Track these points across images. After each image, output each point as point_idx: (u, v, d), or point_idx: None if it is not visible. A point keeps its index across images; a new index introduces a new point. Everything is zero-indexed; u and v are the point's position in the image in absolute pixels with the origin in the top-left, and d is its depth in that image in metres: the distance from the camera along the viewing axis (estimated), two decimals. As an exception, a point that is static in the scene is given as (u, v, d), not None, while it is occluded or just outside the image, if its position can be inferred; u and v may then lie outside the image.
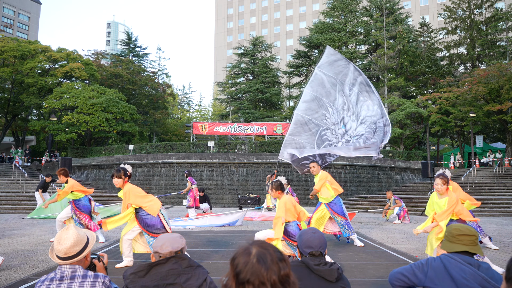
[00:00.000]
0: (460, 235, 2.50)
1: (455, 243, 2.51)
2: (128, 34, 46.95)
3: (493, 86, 26.39)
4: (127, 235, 5.86)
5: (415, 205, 18.37)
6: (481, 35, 35.38)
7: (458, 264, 2.37)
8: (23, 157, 29.31)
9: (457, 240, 2.50)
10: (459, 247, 2.48)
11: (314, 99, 8.42)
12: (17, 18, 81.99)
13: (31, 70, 31.64)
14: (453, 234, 2.53)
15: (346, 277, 2.52)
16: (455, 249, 2.50)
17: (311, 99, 8.46)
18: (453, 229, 2.55)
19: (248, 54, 43.71)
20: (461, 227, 2.53)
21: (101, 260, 2.60)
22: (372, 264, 6.53)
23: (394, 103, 31.76)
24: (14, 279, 5.48)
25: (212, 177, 23.00)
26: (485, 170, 25.10)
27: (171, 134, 47.06)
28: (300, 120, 8.49)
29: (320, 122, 8.28)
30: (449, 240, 2.56)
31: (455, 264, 2.37)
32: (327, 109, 8.27)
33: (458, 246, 2.49)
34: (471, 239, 2.48)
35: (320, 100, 8.31)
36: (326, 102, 8.25)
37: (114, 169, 24.87)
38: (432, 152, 40.19)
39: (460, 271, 2.33)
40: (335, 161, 23.80)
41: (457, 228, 2.54)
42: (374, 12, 39.31)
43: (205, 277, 2.35)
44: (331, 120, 8.22)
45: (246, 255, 1.50)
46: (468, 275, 2.30)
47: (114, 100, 29.93)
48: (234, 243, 8.61)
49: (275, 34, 76.79)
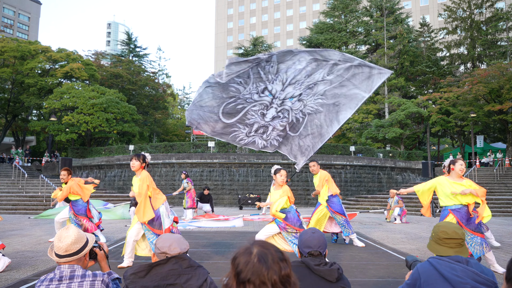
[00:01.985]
0: (446, 238, 2.46)
1: (442, 246, 2.48)
2: (128, 35, 46.99)
3: (494, 86, 26.39)
4: (133, 236, 5.86)
5: (416, 205, 18.35)
6: (482, 35, 35.38)
7: (448, 264, 2.35)
8: (23, 158, 29.31)
9: (444, 243, 2.47)
10: (446, 251, 2.46)
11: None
12: (17, 18, 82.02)
13: (31, 70, 31.65)
14: (440, 237, 2.50)
15: (346, 277, 2.51)
16: (441, 253, 2.47)
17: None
18: (440, 231, 2.51)
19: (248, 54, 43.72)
20: (448, 230, 2.48)
21: (102, 248, 2.60)
22: (373, 264, 6.52)
23: (395, 103, 31.76)
24: (14, 279, 5.48)
25: (212, 178, 23.00)
26: (485, 170, 25.10)
27: (171, 134, 47.07)
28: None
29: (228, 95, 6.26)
30: (436, 242, 2.52)
31: (444, 264, 2.36)
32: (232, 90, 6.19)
33: (445, 250, 2.46)
34: (457, 242, 2.45)
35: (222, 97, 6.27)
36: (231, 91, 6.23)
37: (114, 169, 24.93)
38: (433, 152, 40.19)
39: (451, 270, 2.32)
40: (335, 161, 23.81)
41: (444, 231, 2.49)
42: (374, 12, 39.33)
43: (205, 277, 2.35)
44: (244, 92, 6.27)
45: (247, 255, 1.49)
46: (460, 272, 2.29)
47: (114, 101, 29.94)
48: (234, 244, 8.60)
49: (275, 34, 76.81)
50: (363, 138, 30.94)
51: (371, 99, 34.44)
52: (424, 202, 5.83)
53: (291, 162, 22.98)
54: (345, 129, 34.21)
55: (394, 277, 5.68)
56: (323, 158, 23.66)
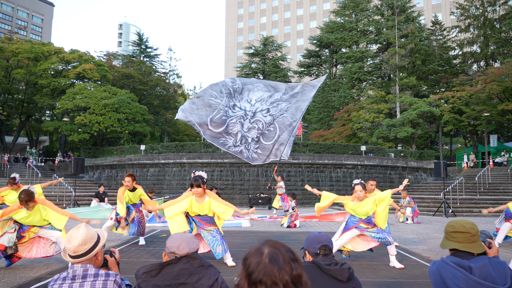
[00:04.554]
0: (453, 232, 2.43)
1: (450, 240, 2.45)
2: (139, 35, 47.33)
3: (508, 85, 25.98)
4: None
5: (428, 206, 18.17)
6: (495, 33, 34.84)
7: (451, 270, 2.30)
8: (37, 158, 29.73)
9: (451, 238, 2.44)
10: (452, 244, 2.42)
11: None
12: (31, 20, 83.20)
13: (45, 71, 32.08)
14: (447, 231, 2.48)
15: (357, 277, 2.51)
16: (447, 246, 2.44)
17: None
18: (448, 225, 2.49)
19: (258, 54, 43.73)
20: (456, 224, 2.45)
21: (113, 255, 2.62)
22: (384, 265, 6.47)
23: (406, 103, 31.47)
24: (28, 277, 5.56)
25: (223, 177, 23.05)
26: (499, 170, 24.72)
27: (182, 134, 47.29)
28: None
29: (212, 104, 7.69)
30: (445, 237, 2.50)
31: (448, 269, 2.32)
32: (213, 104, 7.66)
33: (451, 244, 2.42)
34: (464, 236, 2.39)
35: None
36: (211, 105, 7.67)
37: (125, 169, 25.14)
38: (445, 152, 39.74)
39: (453, 278, 2.27)
40: (346, 161, 23.68)
41: (451, 225, 2.46)
42: (385, 10, 39.02)
43: (216, 276, 2.35)
44: (222, 105, 7.73)
45: (258, 255, 1.49)
46: (461, 280, 2.25)
47: (125, 101, 30.19)
48: (245, 243, 8.62)
49: (286, 34, 76.67)
50: (374, 137, 30.70)
51: (382, 98, 34.17)
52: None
53: (302, 162, 22.93)
54: (356, 129, 34.00)
55: (406, 277, 5.64)
56: (334, 158, 23.56)
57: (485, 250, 2.48)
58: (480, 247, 2.41)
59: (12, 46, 31.09)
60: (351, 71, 37.38)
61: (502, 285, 2.23)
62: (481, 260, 2.34)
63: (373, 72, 38.10)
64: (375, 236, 6.21)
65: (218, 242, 6.17)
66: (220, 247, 6.16)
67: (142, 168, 24.37)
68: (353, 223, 6.36)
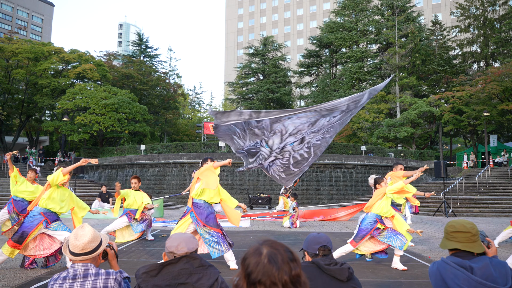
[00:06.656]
0: (454, 232, 2.42)
1: (450, 240, 2.44)
2: (139, 35, 47.32)
3: (508, 85, 25.98)
4: None
5: (427, 205, 18.17)
6: (495, 33, 34.84)
7: (452, 270, 2.29)
8: (37, 157, 29.73)
9: (452, 237, 2.43)
10: (453, 244, 2.41)
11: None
12: (31, 20, 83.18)
13: (45, 71, 32.08)
14: (447, 231, 2.47)
15: (357, 277, 2.52)
16: (448, 246, 2.43)
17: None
18: (448, 225, 2.48)
19: (258, 54, 43.71)
20: (456, 224, 2.44)
21: (112, 248, 2.64)
22: (384, 264, 6.48)
23: (406, 102, 31.47)
24: (28, 277, 5.57)
25: (222, 177, 23.05)
26: (499, 170, 24.73)
27: (182, 134, 47.29)
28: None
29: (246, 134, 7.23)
30: (445, 237, 2.49)
31: (449, 270, 2.30)
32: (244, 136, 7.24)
33: (452, 244, 2.42)
34: (465, 236, 2.38)
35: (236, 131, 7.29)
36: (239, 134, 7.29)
37: (125, 169, 25.15)
38: (445, 152, 39.74)
39: (454, 278, 2.26)
40: (346, 161, 23.69)
41: (451, 225, 2.45)
42: (385, 10, 39.01)
43: (216, 276, 2.35)
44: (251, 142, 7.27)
45: (257, 255, 1.50)
46: (462, 280, 2.23)
47: (125, 101, 30.20)
48: (245, 243, 8.63)
49: (286, 34, 76.66)
50: (374, 137, 30.70)
51: (382, 98, 34.18)
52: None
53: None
54: (356, 129, 33.99)
55: (406, 277, 5.65)
56: (333, 158, 23.56)
57: (485, 250, 2.48)
58: (481, 247, 2.41)
59: (12, 46, 31.10)
60: (351, 71, 37.38)
61: (503, 285, 2.23)
62: (482, 260, 2.33)
63: (373, 72, 38.09)
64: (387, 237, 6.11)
65: (215, 242, 6.15)
66: (217, 246, 6.09)
67: (142, 168, 24.38)
68: (371, 225, 6.07)
